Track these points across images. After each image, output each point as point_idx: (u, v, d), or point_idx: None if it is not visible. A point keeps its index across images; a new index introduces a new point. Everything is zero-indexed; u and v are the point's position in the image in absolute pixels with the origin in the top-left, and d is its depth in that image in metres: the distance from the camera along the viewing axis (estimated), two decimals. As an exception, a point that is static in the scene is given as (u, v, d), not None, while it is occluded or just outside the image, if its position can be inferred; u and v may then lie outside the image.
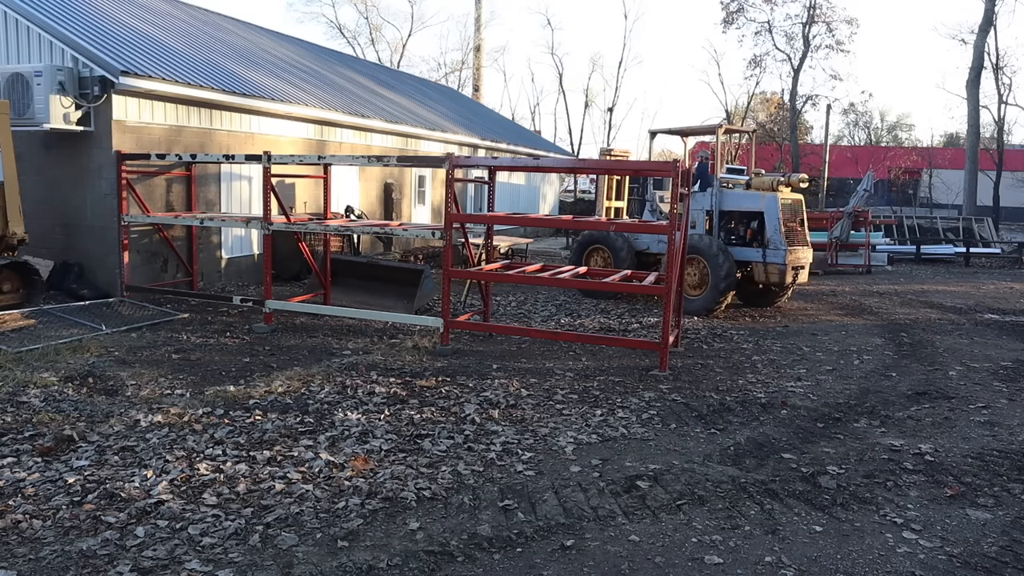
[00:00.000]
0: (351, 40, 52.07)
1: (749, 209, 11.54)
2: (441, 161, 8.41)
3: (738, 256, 11.20)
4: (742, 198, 11.66)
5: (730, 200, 11.68)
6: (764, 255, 11.15)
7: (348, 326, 9.46)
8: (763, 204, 11.30)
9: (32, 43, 10.24)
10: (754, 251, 11.29)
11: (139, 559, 3.61)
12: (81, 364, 7.08)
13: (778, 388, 7.11)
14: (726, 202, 11.68)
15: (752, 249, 11.33)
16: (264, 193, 9.14)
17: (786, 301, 12.39)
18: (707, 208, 11.75)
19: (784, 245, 11.02)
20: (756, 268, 11.28)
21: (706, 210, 11.75)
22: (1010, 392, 7.14)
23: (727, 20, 40.05)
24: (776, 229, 11.08)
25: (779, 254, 11.04)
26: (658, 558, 3.77)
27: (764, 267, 11.19)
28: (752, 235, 11.54)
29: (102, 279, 10.28)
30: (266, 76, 13.69)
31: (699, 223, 11.73)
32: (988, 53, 31.99)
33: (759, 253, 11.21)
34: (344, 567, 3.58)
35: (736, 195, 11.72)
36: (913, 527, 4.17)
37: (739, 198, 11.67)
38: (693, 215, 11.39)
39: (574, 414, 6.07)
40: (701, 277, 11.16)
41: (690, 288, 11.15)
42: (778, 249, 11.04)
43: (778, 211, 11.13)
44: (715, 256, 10.95)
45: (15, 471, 4.57)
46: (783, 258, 11.02)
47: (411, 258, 14.77)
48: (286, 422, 5.62)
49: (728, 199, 11.68)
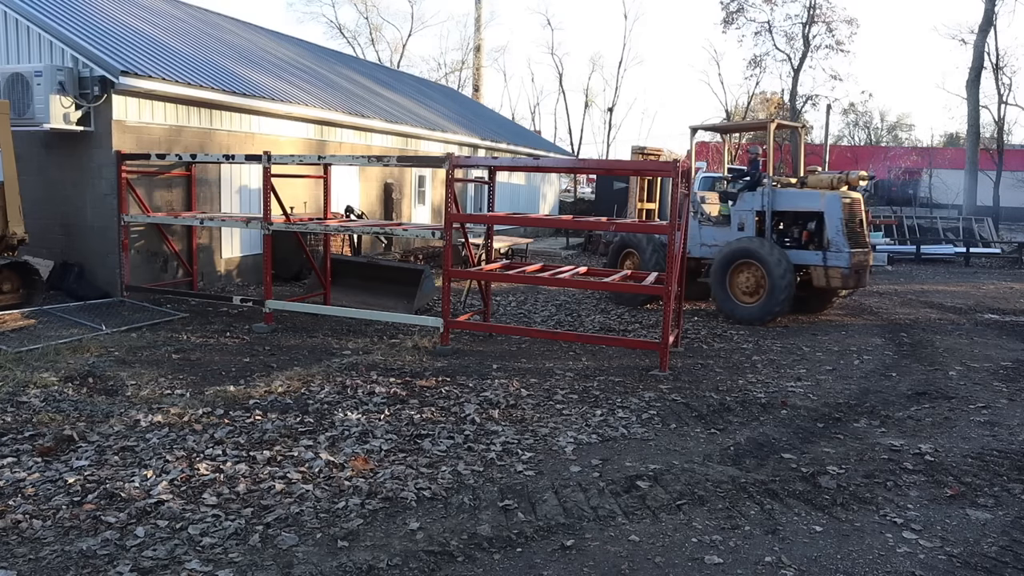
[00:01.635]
0: (351, 40, 52.10)
1: (806, 209, 10.77)
2: (441, 161, 8.41)
3: (794, 260, 10.42)
4: (799, 197, 10.89)
5: (785, 200, 10.89)
6: (825, 258, 10.40)
7: (348, 326, 9.46)
8: (823, 203, 10.53)
9: (32, 43, 10.24)
10: (812, 254, 10.52)
11: (139, 559, 3.61)
12: (81, 364, 7.08)
13: (778, 388, 7.11)
14: (780, 202, 10.88)
15: (810, 252, 10.57)
16: (264, 193, 9.14)
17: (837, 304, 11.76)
18: (757, 208, 10.97)
19: (848, 247, 10.31)
20: (815, 272, 10.52)
21: (755, 211, 10.98)
22: (1010, 392, 7.14)
23: (727, 20, 40.02)
24: (838, 230, 10.36)
25: (842, 257, 10.30)
26: (658, 558, 3.77)
27: (825, 271, 10.41)
28: (808, 237, 10.77)
29: (102, 279, 10.28)
30: (266, 76, 13.69)
31: (748, 225, 11.02)
32: (988, 53, 31.97)
33: (819, 256, 10.45)
34: (344, 567, 3.58)
35: (792, 194, 10.95)
36: (913, 527, 4.17)
37: (795, 197, 10.90)
38: (741, 216, 11.02)
39: (574, 414, 6.08)
40: (756, 283, 10.51)
41: (742, 295, 10.60)
42: (841, 251, 10.30)
43: (840, 211, 10.41)
44: (774, 260, 10.24)
45: (15, 471, 4.57)
46: (847, 261, 10.28)
47: (411, 258, 14.78)
48: (286, 422, 5.62)
49: (782, 199, 10.90)
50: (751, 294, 10.59)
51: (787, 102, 40.65)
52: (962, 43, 35.04)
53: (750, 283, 10.59)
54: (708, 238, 11.47)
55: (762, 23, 39.68)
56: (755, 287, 10.55)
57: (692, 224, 11.46)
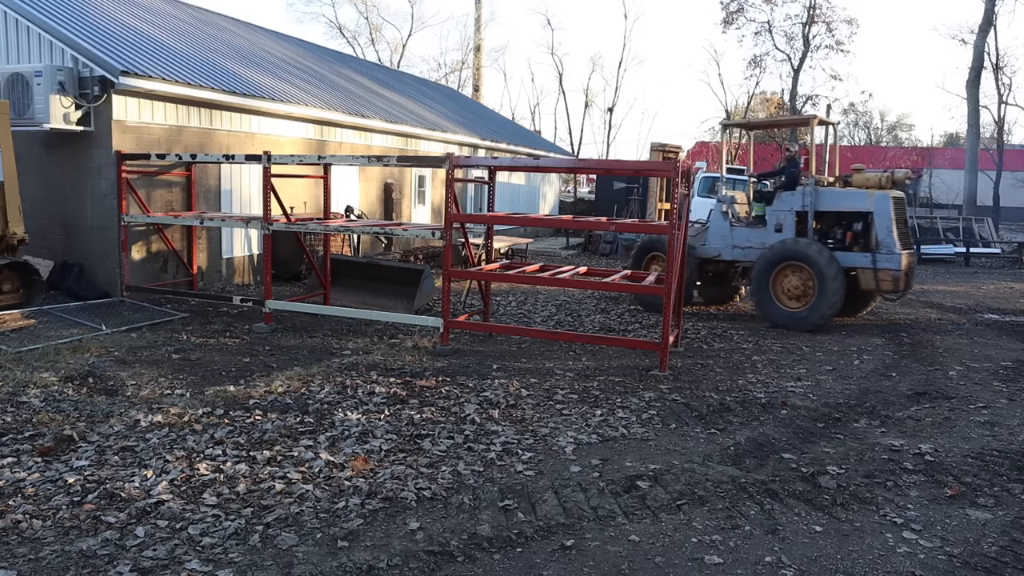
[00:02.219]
0: (351, 40, 52.12)
1: (853, 209, 10.32)
2: (441, 161, 8.41)
3: (841, 262, 9.97)
4: (844, 197, 10.42)
5: (829, 199, 10.44)
6: (874, 260, 9.96)
7: (348, 326, 9.46)
8: (872, 203, 10.12)
9: (32, 43, 10.24)
10: (860, 256, 10.07)
11: (139, 559, 3.61)
12: (81, 364, 7.08)
13: (778, 388, 7.11)
14: (824, 202, 10.43)
15: (857, 254, 10.12)
16: (264, 193, 9.14)
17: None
18: (797, 209, 10.52)
19: (899, 248, 9.93)
20: (863, 275, 10.07)
21: (795, 211, 10.54)
22: (1010, 392, 7.14)
23: (727, 20, 40.01)
24: (889, 231, 9.95)
25: (894, 259, 9.87)
26: (658, 558, 3.77)
27: (874, 274, 9.98)
28: (853, 238, 10.34)
29: (102, 279, 10.28)
30: (266, 76, 13.69)
31: (787, 225, 10.57)
32: (988, 53, 31.96)
33: (867, 258, 10.01)
34: (344, 567, 3.58)
35: (836, 194, 10.49)
36: (913, 527, 4.17)
37: (840, 197, 10.44)
38: (778, 216, 10.64)
39: (574, 414, 6.07)
40: (804, 287, 10.08)
41: (788, 300, 10.19)
42: (892, 253, 9.89)
43: (891, 211, 10.01)
44: (824, 263, 9.80)
45: (15, 471, 4.57)
46: (898, 263, 9.86)
47: (411, 258, 14.77)
48: (286, 422, 5.62)
49: (826, 198, 10.43)
50: (797, 299, 10.16)
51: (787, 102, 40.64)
52: (962, 43, 35.06)
53: (797, 287, 10.15)
54: (741, 240, 11.02)
55: (762, 23, 39.68)
56: (802, 291, 10.12)
57: (722, 225, 11.15)
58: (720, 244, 11.15)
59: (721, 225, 11.22)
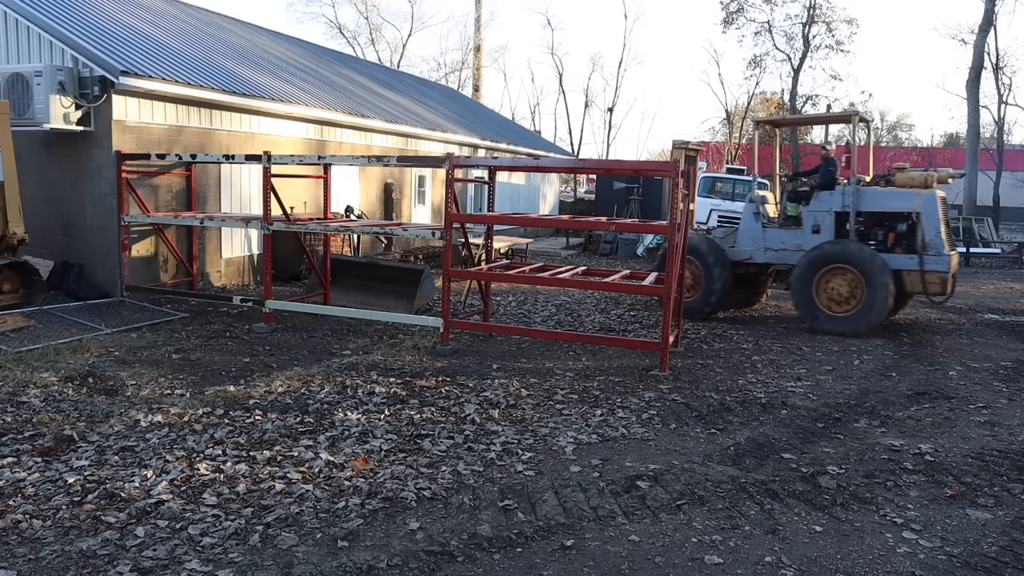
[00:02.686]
0: (351, 40, 52.11)
1: (898, 209, 9.99)
2: (441, 161, 8.41)
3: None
4: (889, 197, 10.07)
5: (872, 199, 10.10)
6: (921, 262, 9.63)
7: (348, 326, 9.46)
8: (919, 203, 9.81)
9: (32, 43, 10.25)
10: (906, 258, 9.74)
11: (139, 559, 3.61)
12: (81, 364, 7.08)
13: (778, 388, 7.11)
14: (866, 202, 10.09)
15: (902, 256, 9.79)
16: (264, 193, 9.14)
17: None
18: (836, 209, 10.19)
19: (947, 250, 9.64)
20: (909, 277, 9.76)
21: (834, 211, 10.21)
22: (1010, 392, 7.14)
23: (727, 20, 40.00)
24: (937, 232, 9.66)
25: (942, 261, 9.56)
26: (658, 558, 3.77)
27: (921, 276, 9.66)
28: (896, 239, 9.99)
29: (102, 279, 10.29)
30: (266, 76, 13.70)
31: (825, 226, 10.22)
32: (988, 53, 31.93)
33: (914, 260, 9.68)
34: (344, 567, 3.58)
35: (880, 193, 10.15)
36: (913, 527, 4.17)
37: (885, 197, 10.09)
38: (816, 217, 10.31)
39: (574, 414, 6.08)
40: (851, 290, 9.72)
41: (834, 304, 9.82)
42: (941, 255, 9.58)
43: (938, 211, 9.73)
44: (874, 266, 9.47)
45: (15, 471, 4.57)
46: (947, 265, 9.55)
47: (411, 258, 14.77)
48: (286, 422, 5.62)
49: (869, 198, 10.10)
50: (843, 303, 9.79)
51: (787, 102, 40.64)
52: (962, 43, 35.07)
53: (842, 291, 9.78)
54: (775, 241, 10.65)
55: (762, 23, 39.67)
56: (848, 295, 9.76)
57: (753, 227, 10.80)
58: (751, 246, 10.77)
59: (752, 226, 10.83)
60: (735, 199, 21.26)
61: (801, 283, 10.01)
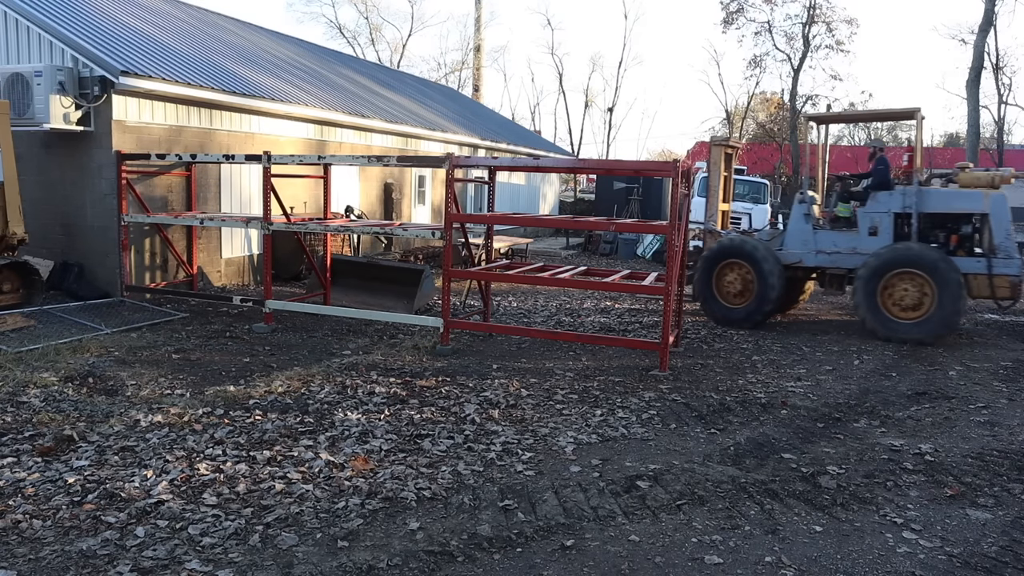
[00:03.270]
0: (351, 40, 52.12)
1: (964, 211, 9.61)
2: (441, 161, 8.42)
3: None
4: (955, 198, 9.67)
5: (937, 200, 9.69)
6: (990, 266, 9.28)
7: (348, 326, 9.46)
8: (987, 204, 9.45)
9: (32, 43, 10.25)
10: (973, 261, 9.39)
11: (139, 559, 3.61)
12: (81, 364, 7.08)
13: (778, 388, 7.11)
14: (930, 203, 9.67)
15: (969, 259, 9.43)
16: (264, 193, 9.14)
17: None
18: (896, 210, 9.80)
19: (1018, 253, 9.28)
20: (976, 282, 9.39)
21: (894, 212, 9.82)
22: (1010, 392, 7.14)
23: (727, 20, 39.96)
24: (1007, 234, 9.31)
25: (1013, 264, 9.21)
26: (658, 558, 3.77)
27: (989, 280, 9.32)
28: (958, 241, 9.65)
29: (102, 279, 10.29)
30: (266, 76, 13.70)
31: (884, 228, 9.83)
32: (988, 53, 31.92)
33: (981, 263, 9.34)
34: (344, 567, 3.59)
35: (946, 194, 9.76)
36: (913, 527, 4.17)
37: (951, 198, 9.69)
38: (875, 219, 9.91)
39: (574, 414, 6.07)
40: (920, 296, 9.27)
41: (900, 311, 9.39)
42: (1011, 258, 9.23)
43: (1008, 212, 9.40)
44: (947, 270, 9.08)
45: (15, 471, 4.57)
46: (1018, 268, 9.20)
47: (411, 258, 14.78)
48: (286, 422, 5.62)
49: (933, 199, 9.69)
50: (911, 309, 9.34)
51: (787, 102, 40.64)
52: (962, 43, 35.08)
53: (911, 296, 9.32)
54: (827, 244, 10.21)
55: (762, 23, 39.65)
56: (917, 302, 9.30)
57: (803, 228, 10.35)
58: (801, 249, 10.30)
59: (802, 228, 10.34)
60: (735, 199, 21.23)
61: (866, 288, 9.54)
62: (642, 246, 19.97)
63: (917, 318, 9.30)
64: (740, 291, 10.31)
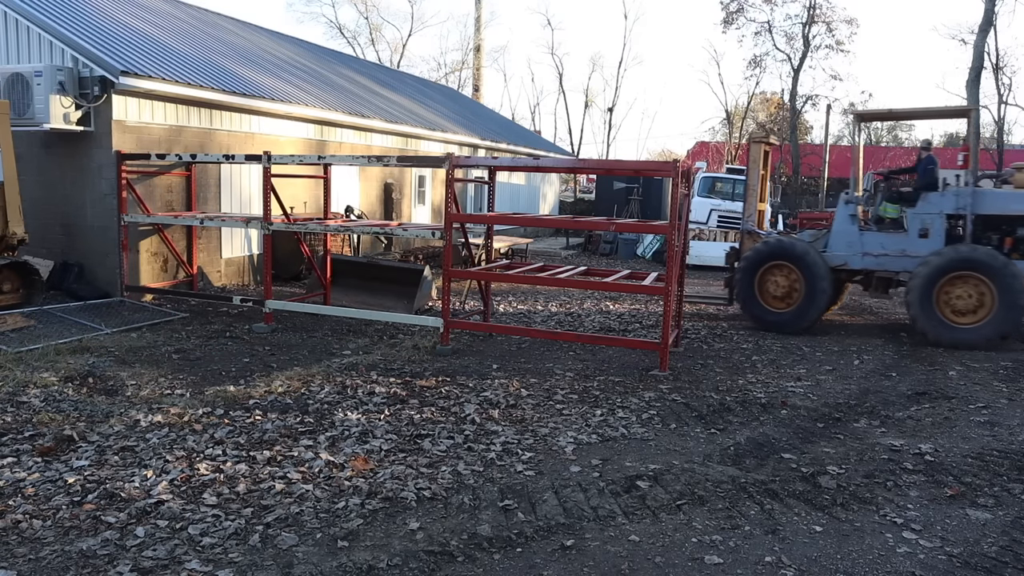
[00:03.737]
0: (351, 40, 52.15)
1: (1022, 213, 9.28)
2: (441, 161, 8.42)
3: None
4: (1013, 199, 9.33)
5: (993, 202, 9.37)
6: None
7: (348, 326, 9.46)
8: None
9: (32, 43, 10.25)
10: None
11: (139, 559, 3.61)
12: (81, 364, 7.08)
13: (778, 388, 7.11)
14: (985, 204, 9.36)
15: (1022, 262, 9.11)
16: (264, 193, 9.14)
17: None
18: (948, 212, 9.51)
19: None
20: None
21: (946, 214, 9.52)
22: (1010, 392, 7.14)
23: (727, 20, 40.03)
24: None
25: None
26: (658, 558, 3.77)
27: None
28: (1013, 244, 9.36)
29: (102, 279, 10.29)
30: (266, 76, 13.70)
31: (935, 230, 9.51)
32: (988, 53, 31.95)
33: None
34: (344, 567, 3.58)
35: (1004, 196, 9.41)
36: (913, 527, 4.17)
37: (1008, 199, 9.35)
38: (925, 220, 9.60)
39: (574, 414, 6.07)
40: (979, 299, 9.01)
41: (956, 315, 9.12)
42: None
43: None
44: (1009, 274, 8.81)
45: (15, 471, 4.57)
46: None
47: (411, 258, 14.78)
48: (286, 422, 5.62)
49: (989, 200, 9.38)
50: (969, 313, 9.07)
51: (787, 102, 40.65)
52: (962, 43, 35.12)
53: (970, 301, 9.05)
54: (874, 246, 9.87)
55: (762, 23, 39.70)
56: (976, 304, 9.04)
57: (849, 230, 10.03)
58: (847, 251, 9.95)
59: (848, 230, 10.01)
60: (735, 199, 21.24)
61: (921, 292, 9.23)
62: (642, 246, 19.98)
63: (976, 322, 9.04)
64: (784, 295, 10.03)
